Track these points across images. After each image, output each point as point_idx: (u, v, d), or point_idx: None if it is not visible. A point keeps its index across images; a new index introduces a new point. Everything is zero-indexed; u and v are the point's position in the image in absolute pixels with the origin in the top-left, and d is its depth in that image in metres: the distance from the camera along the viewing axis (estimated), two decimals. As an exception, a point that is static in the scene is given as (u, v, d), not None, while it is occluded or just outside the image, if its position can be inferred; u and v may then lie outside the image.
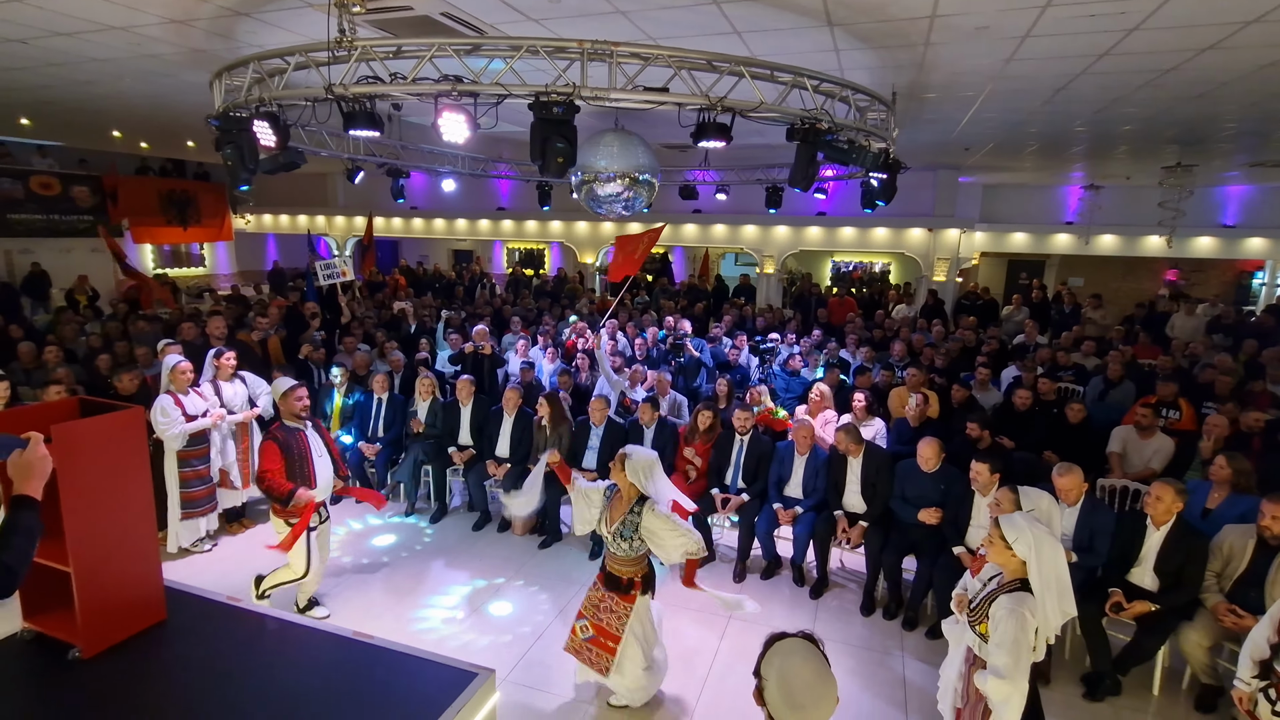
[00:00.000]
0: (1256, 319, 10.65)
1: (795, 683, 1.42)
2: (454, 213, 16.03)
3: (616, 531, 3.25)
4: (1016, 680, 2.28)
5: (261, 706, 2.63)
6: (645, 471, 3.17)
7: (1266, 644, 2.61)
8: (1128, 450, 5.24)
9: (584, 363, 7.30)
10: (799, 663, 1.45)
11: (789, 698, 1.42)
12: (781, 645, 1.50)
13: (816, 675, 1.44)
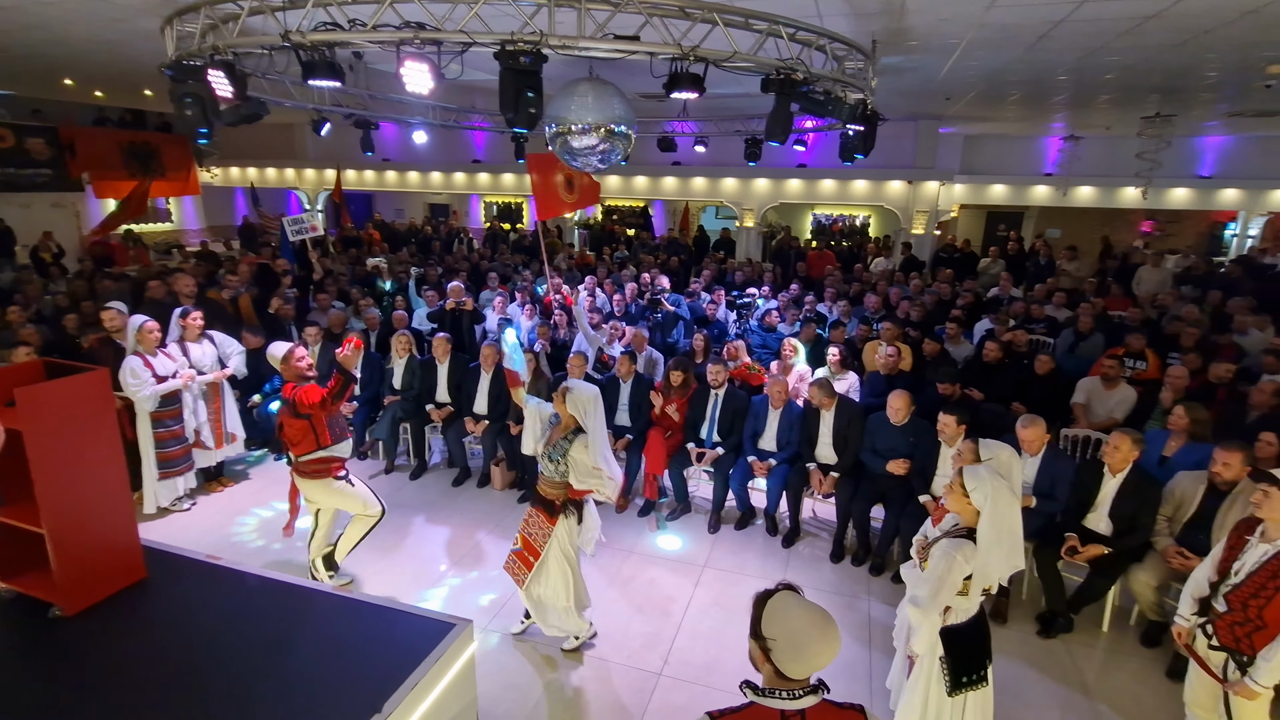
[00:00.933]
0: (1225, 270, 10.83)
1: (803, 634, 1.46)
2: (428, 165, 15.62)
3: (546, 453, 3.46)
4: (929, 612, 2.42)
5: (243, 660, 2.70)
6: (583, 406, 3.36)
7: (1207, 583, 2.75)
8: (1091, 401, 5.38)
9: (562, 319, 7.27)
10: (802, 614, 1.49)
11: (800, 650, 1.46)
12: (775, 603, 1.53)
13: (821, 621, 1.49)
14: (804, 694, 1.48)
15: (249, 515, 5.14)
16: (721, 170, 13.42)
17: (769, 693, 1.49)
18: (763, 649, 1.51)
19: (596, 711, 3.27)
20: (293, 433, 3.77)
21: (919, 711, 2.59)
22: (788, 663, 1.48)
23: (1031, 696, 3.44)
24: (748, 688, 1.53)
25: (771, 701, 1.48)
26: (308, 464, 3.84)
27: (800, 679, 1.49)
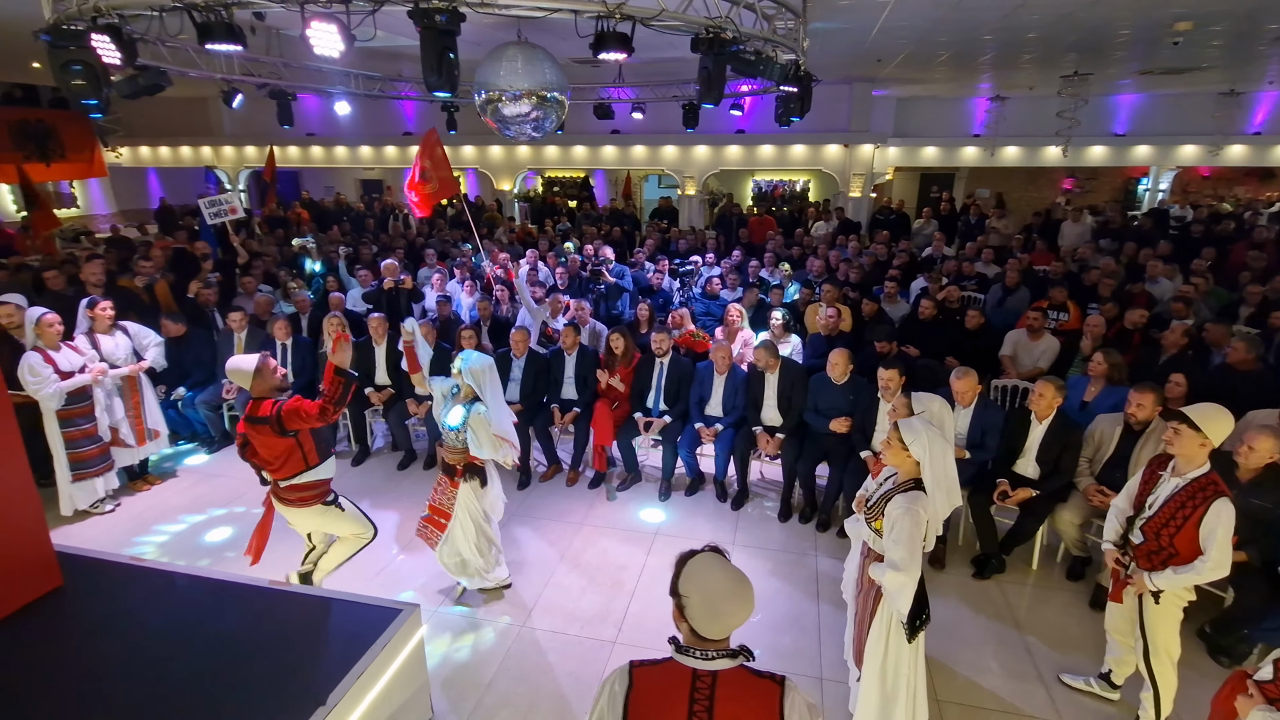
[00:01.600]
0: (1138, 223, 11.43)
1: (716, 593, 1.47)
2: (356, 139, 14.92)
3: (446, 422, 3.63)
4: (911, 571, 2.47)
5: (174, 665, 2.57)
6: (479, 377, 3.52)
7: (1125, 512, 2.94)
8: (1018, 352, 5.62)
9: (503, 294, 7.12)
10: (718, 573, 1.50)
11: (712, 608, 1.46)
12: (695, 562, 1.54)
13: (735, 581, 1.49)
14: (718, 656, 1.48)
15: (179, 516, 4.89)
16: (661, 138, 13.28)
17: (687, 651, 1.50)
18: (678, 606, 1.52)
19: (552, 683, 3.28)
20: (272, 454, 3.20)
21: (879, 667, 2.67)
22: (700, 621, 1.48)
23: (969, 635, 3.62)
24: (671, 642, 1.54)
25: (686, 659, 1.49)
26: (292, 490, 3.30)
27: (716, 640, 1.49)
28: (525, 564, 4.25)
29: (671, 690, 1.48)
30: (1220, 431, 2.60)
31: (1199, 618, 3.61)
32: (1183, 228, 11.22)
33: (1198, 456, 2.63)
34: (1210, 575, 2.56)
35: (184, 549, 4.47)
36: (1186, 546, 2.61)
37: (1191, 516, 2.58)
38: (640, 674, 1.52)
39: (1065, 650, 3.49)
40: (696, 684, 1.47)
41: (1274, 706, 1.90)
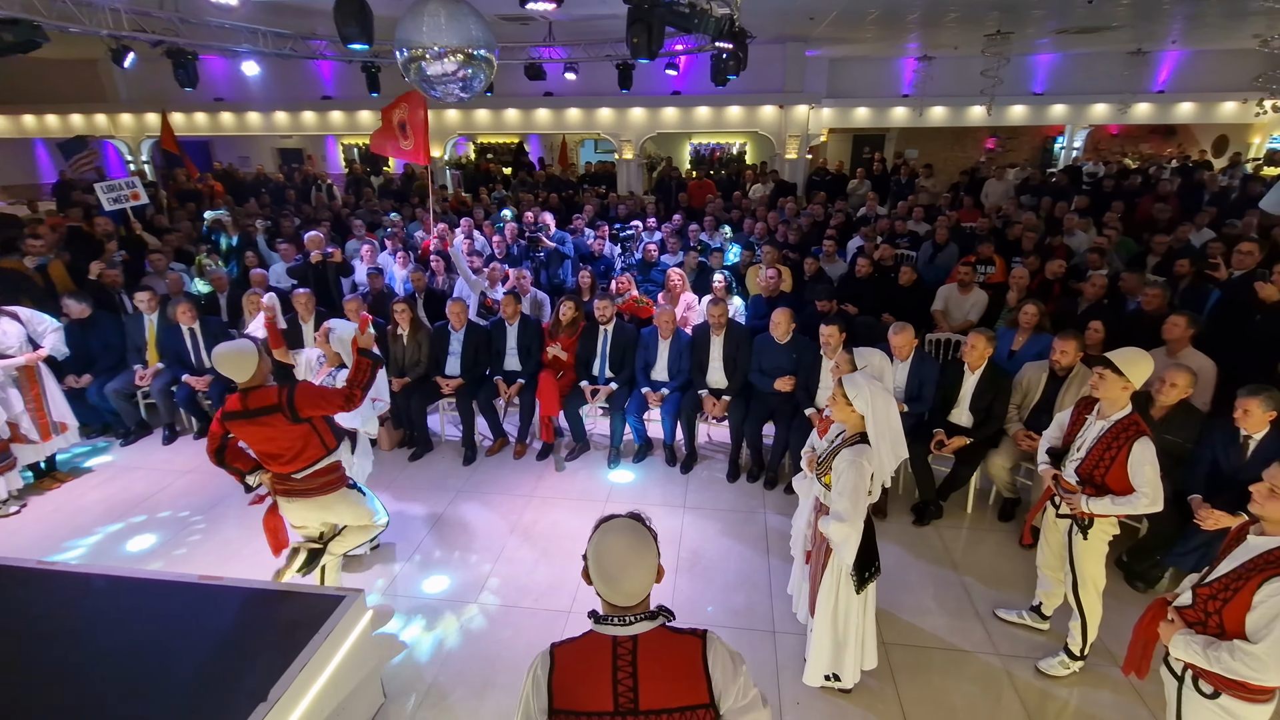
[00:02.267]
0: (1056, 179, 11.95)
1: (606, 557, 1.45)
2: (270, 104, 13.97)
3: None
4: (855, 522, 2.53)
5: (99, 671, 2.40)
6: (344, 344, 3.52)
7: (1054, 439, 3.12)
8: (949, 306, 5.81)
9: (439, 265, 6.85)
10: (612, 538, 1.47)
11: (600, 570, 1.45)
12: (603, 527, 1.52)
13: (628, 548, 1.45)
14: (637, 619, 1.45)
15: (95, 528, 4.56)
16: (596, 100, 12.96)
17: (602, 619, 1.48)
18: (584, 569, 1.51)
19: (508, 657, 3.24)
20: (281, 445, 2.92)
21: (830, 617, 2.75)
22: (598, 585, 1.47)
23: (910, 579, 3.77)
24: (591, 615, 1.51)
25: (603, 628, 1.47)
26: (315, 477, 3.04)
27: (631, 605, 1.47)
28: (475, 540, 4.17)
29: (592, 661, 1.46)
30: (1141, 374, 2.74)
31: (1117, 548, 3.87)
32: (1095, 183, 11.78)
33: (1120, 399, 2.76)
34: (1145, 508, 2.69)
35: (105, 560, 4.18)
36: (1118, 484, 2.74)
37: (1118, 456, 2.71)
38: (560, 652, 1.49)
39: (999, 587, 3.69)
40: (618, 650, 1.45)
41: (1194, 629, 2.04)
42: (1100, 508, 2.77)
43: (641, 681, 1.43)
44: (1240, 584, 1.92)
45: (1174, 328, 4.06)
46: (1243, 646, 1.88)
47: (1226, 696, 1.99)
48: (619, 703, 1.42)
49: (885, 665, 3.14)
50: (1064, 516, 2.98)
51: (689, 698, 1.44)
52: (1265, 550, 1.92)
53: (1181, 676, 2.11)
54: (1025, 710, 2.94)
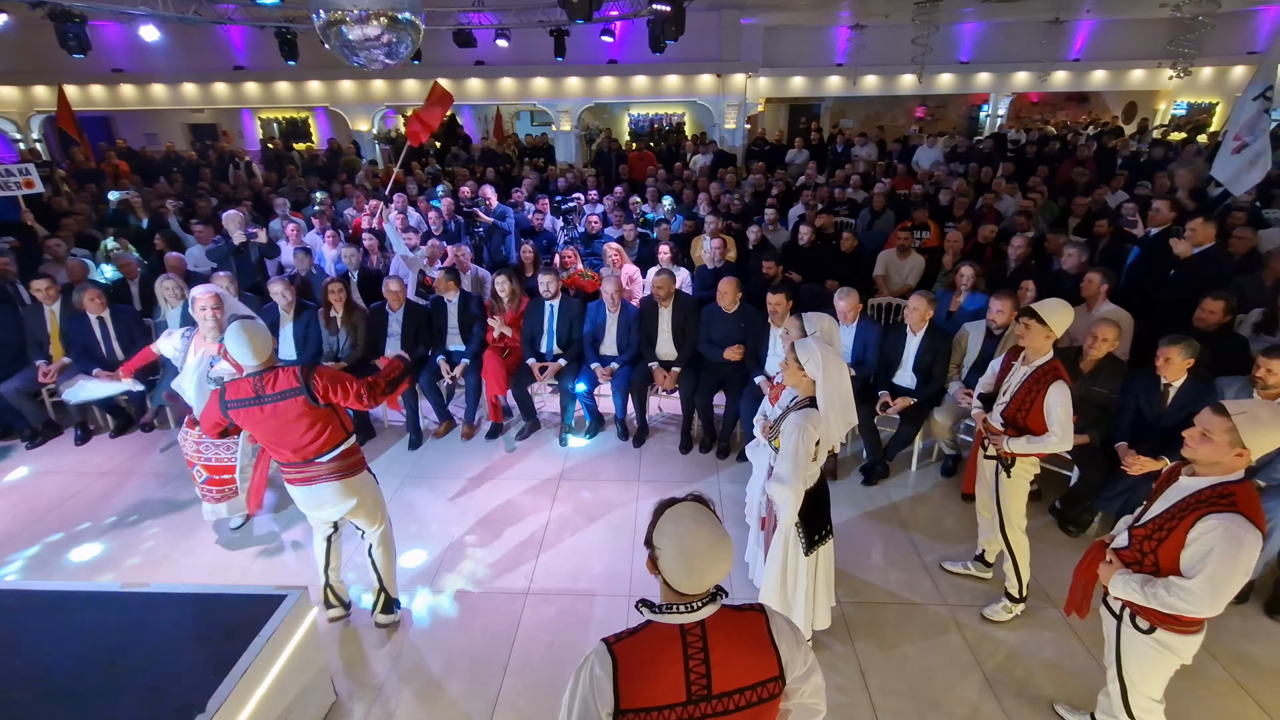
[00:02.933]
0: (982, 146, 12.35)
1: (692, 548, 1.37)
2: (176, 75, 12.95)
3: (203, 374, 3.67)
4: (794, 485, 2.56)
5: (12, 690, 2.20)
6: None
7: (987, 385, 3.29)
8: (889, 271, 5.94)
9: (373, 244, 6.53)
10: (692, 527, 1.39)
11: (685, 563, 1.37)
12: (673, 512, 1.43)
13: (712, 537, 1.38)
14: (703, 604, 1.40)
15: (0, 520, 4.20)
16: (530, 69, 12.58)
17: (665, 608, 1.41)
18: (652, 557, 1.44)
19: (466, 643, 3.16)
20: (299, 432, 2.75)
21: (779, 578, 2.78)
22: (674, 575, 1.39)
23: (859, 537, 3.87)
24: (644, 606, 1.44)
25: (669, 617, 1.40)
26: (341, 457, 2.87)
27: (693, 593, 1.41)
28: (425, 526, 4.04)
29: (662, 652, 1.39)
30: (1062, 323, 2.90)
31: (1049, 497, 4.09)
32: (1018, 150, 12.26)
33: (1044, 347, 2.93)
34: (1055, 447, 2.89)
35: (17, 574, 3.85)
36: (1037, 425, 2.92)
37: (1037, 399, 2.90)
38: (621, 648, 1.41)
39: (945, 541, 3.82)
40: (687, 638, 1.39)
41: (1131, 569, 2.14)
42: (1018, 447, 2.95)
43: (714, 665, 1.38)
44: (1174, 523, 2.02)
45: (1089, 284, 4.26)
46: (1178, 582, 1.98)
47: (1162, 631, 2.10)
48: (692, 691, 1.37)
49: (840, 621, 3.21)
50: (990, 458, 3.16)
51: (760, 673, 1.41)
52: (1197, 490, 2.01)
53: (1120, 615, 2.21)
54: (973, 655, 3.06)
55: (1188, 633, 2.09)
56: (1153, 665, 2.17)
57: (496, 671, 3.00)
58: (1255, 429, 1.91)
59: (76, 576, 3.65)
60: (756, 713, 1.40)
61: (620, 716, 1.36)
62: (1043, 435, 2.88)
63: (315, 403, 2.73)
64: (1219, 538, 1.91)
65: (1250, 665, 3.00)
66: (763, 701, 1.40)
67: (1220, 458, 1.98)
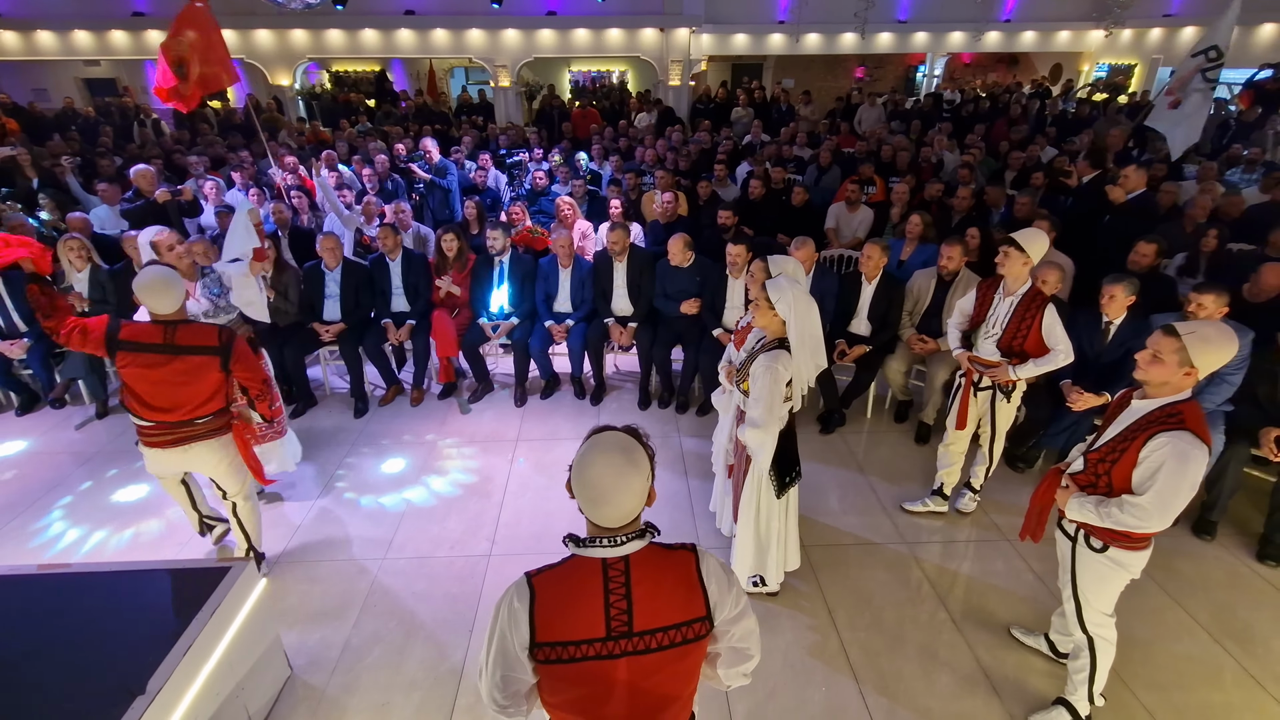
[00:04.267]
0: (920, 104, 12.56)
1: (589, 476, 1.30)
2: (66, 22, 11.71)
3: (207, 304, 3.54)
4: (770, 427, 2.53)
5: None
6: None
7: (960, 326, 3.42)
8: (840, 224, 5.98)
9: (301, 202, 6.11)
10: (597, 455, 1.31)
11: (584, 491, 1.31)
12: (590, 442, 1.36)
13: (613, 470, 1.30)
14: (629, 539, 1.33)
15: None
16: (465, 20, 11.94)
17: (589, 542, 1.35)
18: (568, 482, 1.37)
19: (428, 610, 3.05)
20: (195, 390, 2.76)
21: (753, 521, 2.77)
22: (582, 503, 1.34)
23: (820, 484, 3.92)
24: (570, 540, 1.38)
25: (591, 550, 1.34)
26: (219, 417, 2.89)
27: (612, 526, 1.34)
28: (378, 494, 3.86)
29: (581, 586, 1.33)
30: (1039, 250, 3.05)
31: (997, 436, 4.23)
32: (954, 109, 12.54)
33: (1022, 275, 3.08)
34: (1063, 362, 3.05)
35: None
36: (1036, 348, 3.09)
37: (1033, 324, 3.06)
38: (540, 581, 1.35)
39: (900, 483, 3.91)
40: (609, 572, 1.33)
41: (1086, 492, 2.21)
42: (1025, 372, 3.12)
43: (636, 602, 1.32)
44: (1126, 444, 2.09)
45: None
46: (1130, 500, 2.05)
47: (1114, 549, 2.20)
48: (611, 626, 1.31)
49: (807, 565, 3.25)
50: (985, 389, 3.30)
51: (685, 613, 1.35)
52: (1148, 411, 2.08)
53: (1075, 536, 2.30)
54: (932, 587, 3.16)
55: (1137, 549, 2.19)
56: (1105, 582, 2.27)
57: (463, 635, 2.90)
58: (1203, 347, 1.98)
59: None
60: (681, 652, 1.35)
61: (536, 649, 1.32)
62: (1048, 354, 3.04)
63: (225, 369, 2.77)
64: (1168, 454, 1.98)
65: (1180, 579, 3.22)
66: (687, 642, 1.35)
67: (1170, 378, 2.04)
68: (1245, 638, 2.90)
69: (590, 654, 1.31)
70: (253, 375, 2.90)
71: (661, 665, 1.34)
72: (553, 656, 1.31)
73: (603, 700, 1.35)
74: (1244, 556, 3.39)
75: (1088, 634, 2.35)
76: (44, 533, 3.58)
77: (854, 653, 2.81)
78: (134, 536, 3.55)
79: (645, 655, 1.32)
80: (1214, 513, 3.49)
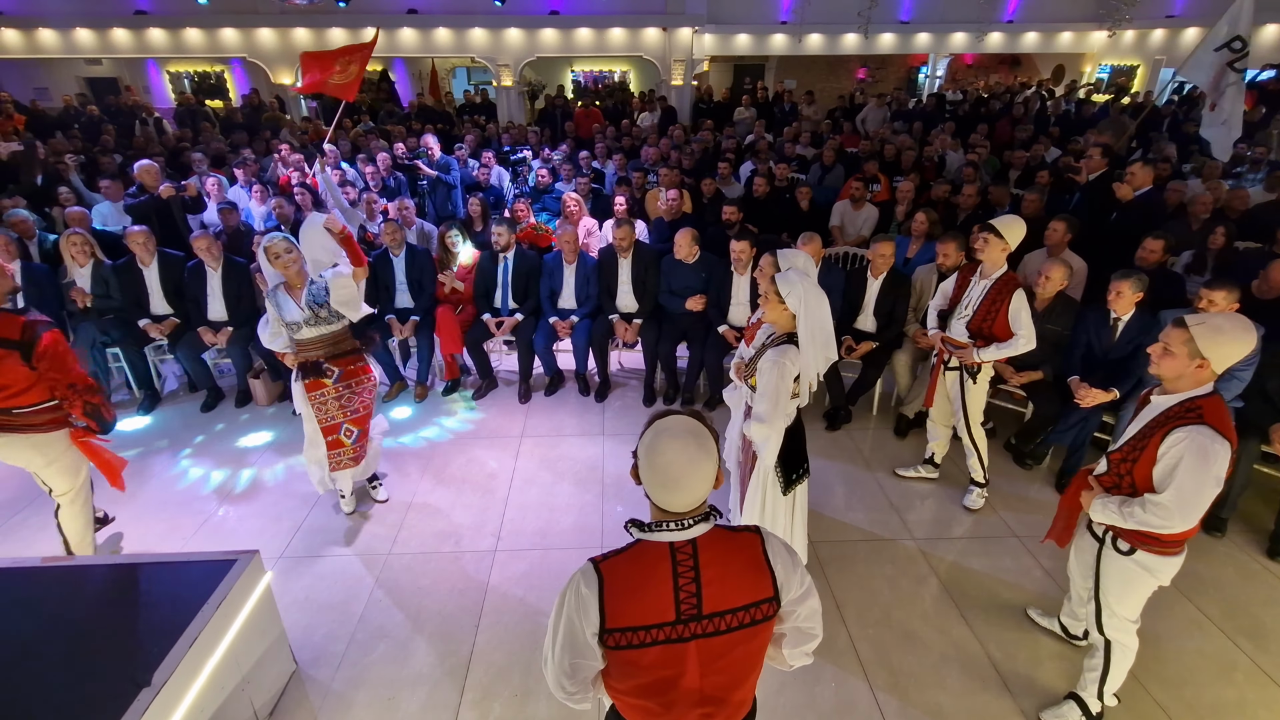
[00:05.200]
0: (923, 106, 12.56)
1: (661, 462, 1.30)
2: (67, 19, 11.70)
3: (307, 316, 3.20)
4: (775, 423, 2.50)
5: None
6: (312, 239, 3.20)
7: (939, 308, 3.55)
8: (845, 222, 5.96)
9: (305, 199, 6.09)
10: (668, 441, 1.31)
11: (655, 477, 1.31)
12: (659, 424, 1.36)
13: (686, 456, 1.29)
14: (695, 522, 1.33)
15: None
16: (467, 19, 11.92)
17: (655, 526, 1.35)
18: (635, 466, 1.38)
19: (434, 605, 3.03)
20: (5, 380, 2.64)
21: (758, 518, 2.75)
22: (651, 488, 1.33)
23: (827, 480, 3.90)
24: (633, 525, 1.37)
25: (658, 535, 1.34)
26: (39, 414, 2.75)
27: (683, 511, 1.34)
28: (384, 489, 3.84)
29: (650, 571, 1.33)
30: (1016, 235, 3.12)
31: (1004, 434, 4.22)
32: (955, 109, 12.54)
33: (999, 260, 3.17)
34: (1024, 348, 3.15)
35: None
36: (1003, 332, 3.20)
37: (1001, 308, 3.15)
38: (608, 566, 1.35)
39: (908, 480, 3.89)
40: (677, 556, 1.33)
41: (1110, 493, 2.18)
42: (989, 355, 3.22)
43: (705, 585, 1.32)
44: (1146, 441, 2.05)
45: (1054, 233, 4.31)
46: (1151, 498, 2.01)
47: (1141, 552, 2.13)
48: (681, 610, 1.31)
49: (815, 561, 3.23)
50: (953, 369, 3.40)
51: (753, 594, 1.35)
52: (1167, 407, 2.05)
53: (1102, 538, 2.26)
54: (941, 583, 3.13)
55: (1167, 554, 2.12)
56: (1131, 586, 2.21)
57: (469, 629, 2.88)
58: (1213, 338, 1.93)
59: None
60: (749, 634, 1.35)
61: (607, 635, 1.31)
62: (1010, 339, 3.13)
63: (29, 364, 2.61)
64: (1186, 449, 1.92)
65: (1191, 575, 3.16)
66: (755, 623, 1.35)
67: (1183, 371, 2.00)
68: (1258, 634, 2.87)
69: (661, 638, 1.31)
70: (60, 376, 2.66)
71: (731, 647, 1.35)
72: (623, 642, 1.31)
73: (672, 684, 1.35)
74: (1255, 553, 3.36)
75: (1105, 637, 2.32)
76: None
77: (863, 649, 2.78)
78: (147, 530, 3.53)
79: (715, 638, 1.33)
80: (1224, 509, 3.46)
